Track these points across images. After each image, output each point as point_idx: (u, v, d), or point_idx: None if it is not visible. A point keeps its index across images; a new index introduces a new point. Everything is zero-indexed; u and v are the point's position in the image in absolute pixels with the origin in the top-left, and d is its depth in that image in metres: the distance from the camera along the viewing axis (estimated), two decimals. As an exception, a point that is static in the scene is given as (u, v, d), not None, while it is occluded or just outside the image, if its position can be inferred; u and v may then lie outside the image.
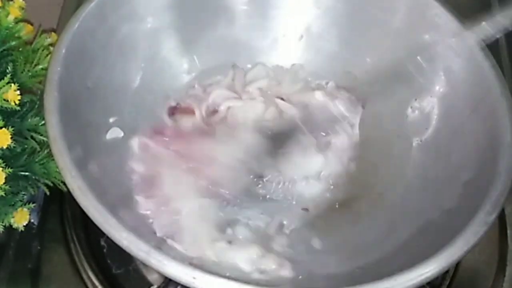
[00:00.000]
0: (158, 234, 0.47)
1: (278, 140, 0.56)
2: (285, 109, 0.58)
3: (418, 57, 0.54)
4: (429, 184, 0.50)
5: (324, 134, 0.57)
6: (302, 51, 0.62)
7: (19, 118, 0.48)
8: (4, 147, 0.44)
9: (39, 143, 0.50)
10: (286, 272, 0.46)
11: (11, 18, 0.49)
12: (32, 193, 0.50)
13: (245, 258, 0.46)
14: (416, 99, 0.55)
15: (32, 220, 0.53)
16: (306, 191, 0.54)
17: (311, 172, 0.55)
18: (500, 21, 0.47)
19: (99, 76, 0.50)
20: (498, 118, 0.46)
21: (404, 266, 0.38)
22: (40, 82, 0.51)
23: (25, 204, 0.48)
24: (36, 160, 0.49)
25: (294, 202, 0.53)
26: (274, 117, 0.58)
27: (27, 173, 0.48)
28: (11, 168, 0.44)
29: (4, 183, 0.43)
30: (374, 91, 0.59)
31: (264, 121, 0.57)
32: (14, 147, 0.45)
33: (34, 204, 0.49)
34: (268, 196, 0.53)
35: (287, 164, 0.55)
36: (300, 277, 0.45)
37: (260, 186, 0.53)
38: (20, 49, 0.51)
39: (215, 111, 0.58)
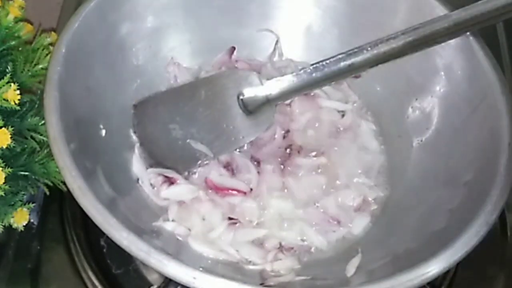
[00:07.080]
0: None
1: None
2: None
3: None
4: (429, 184, 0.50)
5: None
6: (302, 50, 0.62)
7: (18, 118, 0.48)
8: (4, 147, 0.44)
9: (38, 143, 0.49)
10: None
11: (11, 17, 0.49)
12: (32, 193, 0.50)
13: None
14: (416, 99, 0.55)
15: (31, 220, 0.53)
16: None
17: None
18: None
19: (99, 76, 0.50)
20: (498, 118, 0.46)
21: (405, 266, 0.38)
22: (40, 82, 0.51)
23: (24, 204, 0.48)
24: (36, 160, 0.49)
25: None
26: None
27: (27, 173, 0.48)
28: (11, 168, 0.44)
29: (4, 183, 0.43)
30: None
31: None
32: (14, 147, 0.45)
33: (33, 204, 0.49)
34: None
35: None
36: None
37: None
38: (20, 48, 0.51)
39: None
